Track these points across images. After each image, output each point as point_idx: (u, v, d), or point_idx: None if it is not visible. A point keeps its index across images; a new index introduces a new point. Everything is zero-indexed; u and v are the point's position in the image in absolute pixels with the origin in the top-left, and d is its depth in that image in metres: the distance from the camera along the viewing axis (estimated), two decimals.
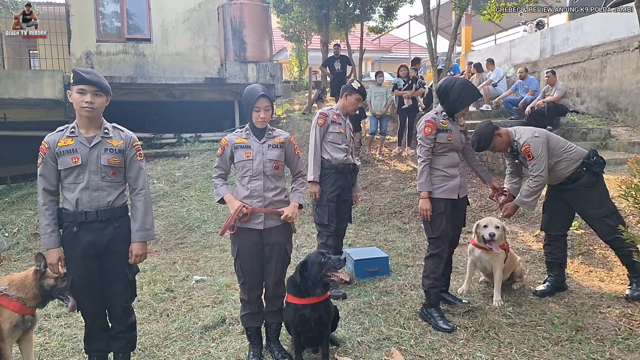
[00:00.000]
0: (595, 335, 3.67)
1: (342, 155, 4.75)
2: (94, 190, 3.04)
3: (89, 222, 3.03)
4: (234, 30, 11.70)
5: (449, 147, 4.04)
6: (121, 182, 3.16)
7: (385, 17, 13.22)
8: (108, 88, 3.08)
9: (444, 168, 4.05)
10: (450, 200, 4.04)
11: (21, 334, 3.21)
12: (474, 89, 4.15)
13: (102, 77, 3.08)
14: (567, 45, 12.07)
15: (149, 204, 3.20)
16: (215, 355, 3.63)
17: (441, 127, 4.04)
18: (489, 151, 8.39)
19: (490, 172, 8.58)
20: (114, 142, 3.10)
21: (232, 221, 3.39)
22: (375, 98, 10.08)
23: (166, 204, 8.25)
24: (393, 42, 28.72)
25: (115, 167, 3.08)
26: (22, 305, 3.14)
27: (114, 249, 3.09)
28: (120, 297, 3.20)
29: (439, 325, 3.91)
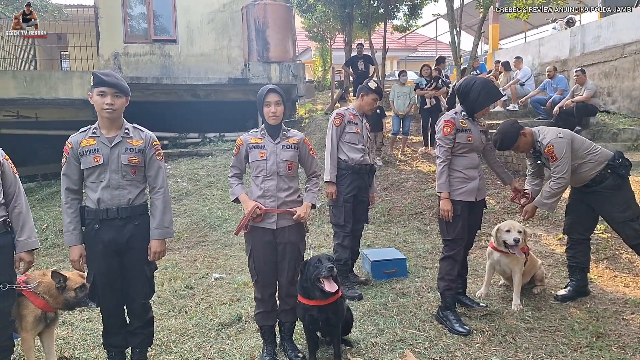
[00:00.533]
0: (617, 343, 3.58)
1: (359, 155, 4.73)
2: (115, 188, 3.12)
3: (110, 220, 3.11)
4: (258, 31, 11.76)
5: (468, 147, 3.99)
6: (141, 180, 3.24)
7: (410, 16, 13.11)
8: (127, 89, 3.14)
9: (463, 169, 3.99)
10: (467, 202, 3.98)
11: (43, 328, 3.35)
12: (494, 89, 4.08)
13: (121, 79, 3.13)
14: (598, 43, 11.76)
15: (167, 203, 3.26)
16: (230, 353, 3.67)
17: (460, 127, 3.98)
18: (513, 151, 8.26)
19: (515, 173, 8.50)
20: (134, 142, 3.18)
21: (246, 221, 3.43)
22: (399, 98, 10.01)
23: (189, 203, 8.36)
24: (419, 40, 28.52)
25: (135, 166, 3.16)
26: (46, 303, 3.29)
27: (133, 246, 3.17)
28: (140, 294, 3.28)
29: (454, 328, 3.87)
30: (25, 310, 3.24)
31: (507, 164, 8.85)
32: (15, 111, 11.29)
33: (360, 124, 4.83)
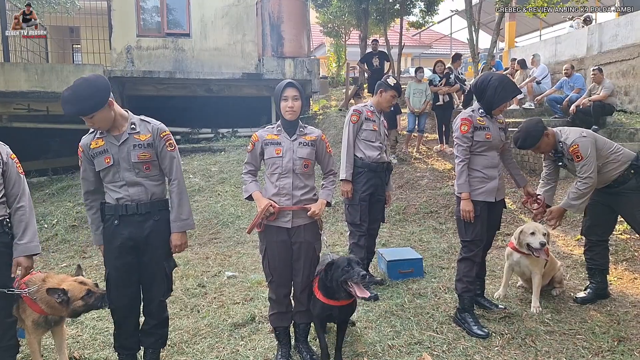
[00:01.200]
0: (639, 347, 3.48)
1: (376, 153, 4.63)
2: (132, 186, 3.08)
3: (129, 215, 3.07)
4: (272, 26, 11.70)
5: (487, 145, 3.89)
6: (158, 174, 3.17)
7: (426, 12, 12.98)
8: (91, 107, 2.86)
9: (482, 169, 3.90)
10: (487, 203, 3.90)
11: (47, 330, 3.27)
12: (511, 85, 3.97)
13: (81, 99, 2.85)
14: (616, 41, 11.57)
15: (183, 194, 3.18)
16: (244, 354, 3.60)
17: (478, 124, 3.88)
18: (530, 151, 8.15)
19: (531, 172, 8.38)
20: (142, 136, 3.08)
21: (258, 220, 3.35)
22: (414, 95, 9.90)
23: (201, 199, 8.32)
24: (434, 37, 28.32)
25: (147, 162, 3.08)
26: (42, 310, 3.15)
27: (153, 242, 3.11)
28: (158, 291, 3.22)
29: (473, 330, 3.78)
30: (24, 314, 3.17)
31: (524, 163, 8.72)
32: (27, 104, 11.28)
33: (378, 121, 4.73)
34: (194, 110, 12.56)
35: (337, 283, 3.18)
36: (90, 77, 2.97)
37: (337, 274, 3.18)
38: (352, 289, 3.13)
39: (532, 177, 8.22)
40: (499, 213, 4.15)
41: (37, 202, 8.94)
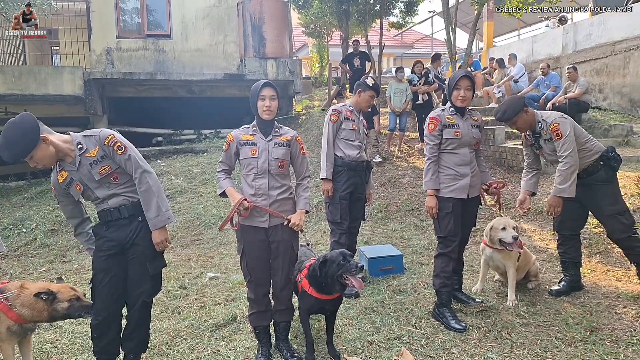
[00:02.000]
0: (610, 337, 3.60)
1: (355, 152, 4.70)
2: (110, 198, 3.12)
3: (115, 220, 3.12)
4: (254, 26, 11.72)
5: (457, 143, 3.96)
6: (129, 179, 3.17)
7: (406, 13, 13.08)
8: (23, 150, 2.85)
9: (453, 166, 3.98)
10: (459, 199, 3.97)
11: (19, 338, 3.22)
12: (459, 73, 4.03)
13: (13, 144, 2.83)
14: (590, 40, 11.81)
15: (147, 192, 3.12)
16: (224, 354, 3.63)
17: (447, 122, 3.97)
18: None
19: (509, 169, 8.51)
20: (92, 152, 3.06)
21: (232, 215, 3.36)
22: (395, 94, 10.00)
23: (183, 200, 8.31)
24: (415, 37, 28.53)
25: (112, 174, 3.09)
26: (19, 317, 3.10)
27: (138, 242, 3.15)
28: (141, 292, 3.21)
29: (450, 324, 3.87)
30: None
31: (502, 160, 8.86)
32: (4, 107, 11.14)
33: (357, 121, 4.78)
34: (176, 111, 12.52)
35: (332, 278, 3.24)
36: (17, 120, 2.90)
37: (333, 269, 3.23)
38: (349, 281, 3.20)
39: (510, 174, 8.36)
40: (474, 210, 4.21)
41: (16, 206, 8.86)
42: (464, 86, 3.91)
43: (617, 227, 4.13)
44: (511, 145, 8.85)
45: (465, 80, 3.91)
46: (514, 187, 7.75)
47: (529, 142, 4.41)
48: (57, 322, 4.28)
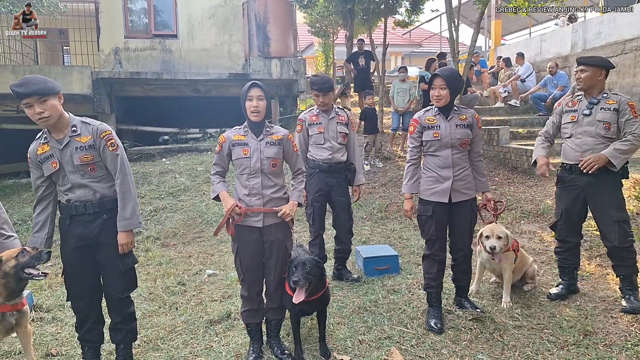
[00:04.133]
0: (604, 340, 3.58)
1: (326, 153, 4.69)
2: (78, 188, 3.12)
3: (79, 215, 3.13)
4: (258, 26, 11.77)
5: (437, 145, 3.88)
6: (105, 175, 3.19)
7: (412, 11, 13.03)
8: (49, 88, 2.97)
9: (434, 169, 3.92)
10: (441, 203, 3.90)
11: (6, 331, 3.23)
12: (436, 72, 3.98)
13: (41, 80, 2.97)
14: (600, 39, 11.69)
15: (127, 193, 3.16)
16: (217, 350, 3.68)
17: (426, 124, 3.92)
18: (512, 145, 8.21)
19: (513, 170, 8.47)
20: (83, 138, 3.10)
21: (225, 221, 3.41)
22: (398, 94, 10.00)
23: (186, 199, 8.38)
24: (424, 36, 28.42)
25: (91, 164, 3.11)
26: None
27: (103, 240, 3.17)
28: (115, 288, 3.27)
29: (429, 323, 3.90)
30: None
31: (506, 160, 8.82)
32: (15, 106, 11.31)
33: (326, 122, 4.77)
34: (182, 110, 12.62)
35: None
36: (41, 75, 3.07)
37: (290, 274, 3.33)
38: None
39: (513, 175, 8.33)
40: (465, 215, 3.99)
41: (25, 202, 9.01)
42: (438, 85, 3.84)
43: (620, 235, 4.02)
44: (515, 146, 8.81)
45: (438, 79, 3.84)
46: (517, 188, 7.73)
47: (571, 106, 4.22)
48: (59, 316, 4.41)
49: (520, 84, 12.01)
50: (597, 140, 4.05)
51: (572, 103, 4.24)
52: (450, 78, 3.86)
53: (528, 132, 10.02)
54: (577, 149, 4.14)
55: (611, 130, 4.01)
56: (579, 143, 4.13)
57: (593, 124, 4.06)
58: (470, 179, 3.99)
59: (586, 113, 4.09)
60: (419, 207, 4.05)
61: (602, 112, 4.03)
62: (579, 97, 4.22)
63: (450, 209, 3.94)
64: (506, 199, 7.27)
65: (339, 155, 4.76)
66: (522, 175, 8.23)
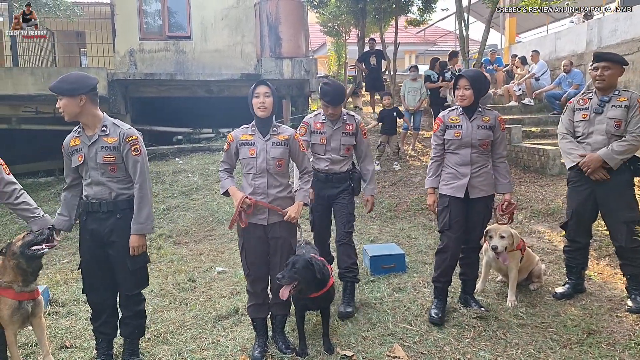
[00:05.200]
0: (608, 339, 3.58)
1: (324, 164, 4.38)
2: (96, 185, 3.28)
3: (94, 212, 3.29)
4: (270, 27, 11.85)
5: (457, 143, 3.98)
6: (124, 176, 3.32)
7: (424, 10, 13.04)
8: (65, 89, 3.12)
9: (453, 166, 4.02)
10: (457, 198, 3.99)
11: (22, 320, 3.38)
12: (460, 73, 4.07)
13: (64, 80, 3.15)
14: (615, 36, 11.54)
15: (144, 198, 3.28)
16: (224, 344, 3.77)
17: (449, 123, 4.01)
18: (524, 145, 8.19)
19: (525, 169, 8.44)
20: (110, 139, 3.25)
21: (237, 214, 3.49)
22: (409, 93, 10.01)
23: (198, 197, 8.50)
24: (439, 34, 28.27)
25: (112, 164, 3.25)
26: (13, 291, 3.31)
27: (115, 239, 3.29)
28: (124, 286, 3.40)
29: (430, 313, 4.01)
30: (0, 306, 3.31)
31: (518, 160, 8.80)
32: (34, 107, 11.55)
33: (330, 132, 4.35)
34: (195, 110, 12.75)
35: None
36: (85, 74, 3.26)
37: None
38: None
39: (525, 174, 8.32)
40: (479, 210, 4.07)
41: (44, 200, 9.20)
42: (462, 86, 3.92)
43: (628, 236, 3.99)
44: (527, 145, 8.78)
45: (463, 80, 3.91)
46: (528, 187, 7.72)
47: (582, 104, 4.18)
48: (74, 310, 4.55)
49: (535, 82, 11.94)
50: (607, 139, 4.02)
51: (582, 101, 4.21)
52: (474, 79, 3.94)
53: (542, 131, 9.98)
54: (587, 147, 4.12)
55: (622, 128, 3.98)
56: (589, 141, 4.11)
57: (604, 122, 4.04)
58: (489, 177, 4.06)
59: (598, 111, 4.07)
60: (438, 200, 4.19)
61: (613, 109, 4.01)
62: (589, 95, 4.20)
63: (468, 205, 4.02)
64: (517, 198, 7.25)
65: (337, 167, 4.39)
66: (534, 174, 8.20)
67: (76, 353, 3.78)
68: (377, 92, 12.04)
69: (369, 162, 4.55)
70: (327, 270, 3.59)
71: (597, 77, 4.06)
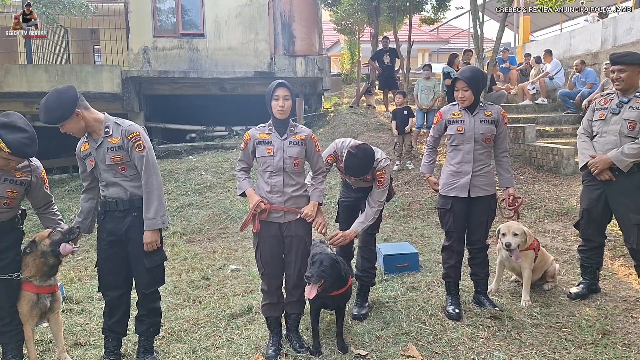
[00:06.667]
0: (623, 340, 3.56)
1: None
2: (111, 186, 3.33)
3: (111, 211, 3.34)
4: (284, 25, 11.88)
5: (460, 138, 4.00)
6: (135, 174, 3.35)
7: (438, 8, 12.99)
8: (58, 117, 3.12)
9: (455, 164, 4.05)
10: (460, 198, 4.02)
11: (40, 315, 3.46)
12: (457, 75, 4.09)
13: (52, 109, 3.11)
14: (630, 35, 11.44)
15: (151, 193, 3.29)
16: (238, 342, 3.80)
17: (451, 118, 4.06)
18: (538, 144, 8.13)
19: (538, 168, 8.38)
20: (114, 139, 3.29)
21: (250, 217, 3.52)
22: (422, 92, 9.96)
23: (212, 195, 8.55)
24: (452, 32, 28.14)
25: (121, 164, 3.29)
26: (32, 285, 3.39)
27: (132, 237, 3.34)
28: (141, 283, 3.44)
29: (447, 310, 4.04)
30: (20, 300, 3.39)
31: (532, 159, 8.74)
32: None
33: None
34: (208, 108, 12.82)
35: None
36: (61, 89, 3.20)
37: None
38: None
39: (539, 173, 8.25)
40: (482, 210, 4.10)
41: (57, 198, 9.28)
42: (460, 87, 3.97)
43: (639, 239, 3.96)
44: (541, 144, 8.72)
45: (460, 82, 3.96)
46: (542, 187, 7.67)
47: (603, 104, 4.18)
48: (88, 308, 4.60)
49: (549, 81, 11.85)
50: (619, 139, 4.00)
51: (604, 101, 4.21)
52: (470, 79, 3.95)
53: (556, 130, 9.91)
54: (600, 147, 4.12)
55: (635, 130, 3.94)
56: (602, 142, 4.11)
57: (619, 123, 4.02)
58: (490, 176, 4.10)
59: (615, 112, 4.07)
60: (439, 200, 4.25)
61: (629, 110, 3.99)
62: (611, 96, 4.18)
63: (469, 203, 4.05)
64: (530, 197, 7.21)
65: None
66: (548, 173, 8.15)
67: (90, 351, 3.81)
68: (391, 90, 12.01)
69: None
70: (347, 269, 3.60)
71: (615, 80, 4.06)
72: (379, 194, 3.97)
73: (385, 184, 3.98)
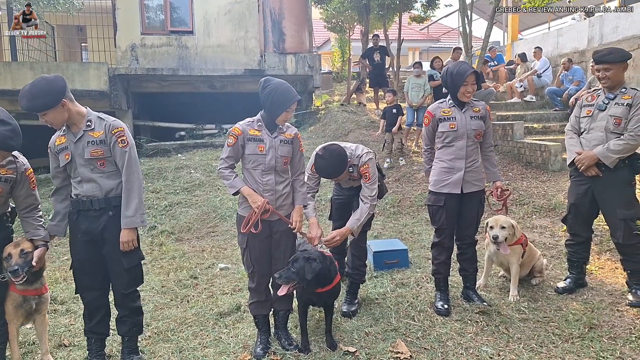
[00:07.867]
0: (609, 334, 3.60)
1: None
2: (87, 182, 3.22)
3: (85, 210, 3.23)
4: (274, 22, 11.84)
5: (452, 135, 4.01)
6: (114, 170, 3.26)
7: (427, 6, 13.02)
8: (43, 105, 3.02)
9: (448, 160, 4.04)
10: (453, 195, 4.02)
11: (26, 315, 3.40)
12: (467, 69, 3.95)
13: (35, 96, 3.01)
14: (617, 33, 11.50)
15: (131, 190, 3.22)
16: (226, 341, 3.77)
17: (442, 115, 4.05)
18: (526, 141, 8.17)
19: (527, 165, 8.42)
20: (96, 133, 3.20)
21: (256, 218, 3.39)
22: (413, 89, 9.99)
23: (201, 194, 8.50)
24: (442, 30, 28.22)
25: (100, 159, 3.20)
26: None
27: (108, 236, 3.25)
28: (119, 283, 3.35)
29: (436, 306, 4.07)
30: (6, 300, 3.33)
31: (520, 155, 8.78)
32: None
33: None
34: (198, 106, 12.75)
35: None
36: (50, 77, 3.13)
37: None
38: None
39: (527, 170, 8.29)
40: (474, 206, 4.13)
41: (43, 197, 9.10)
42: (471, 82, 3.95)
43: (626, 233, 4.01)
44: (529, 141, 8.76)
45: (472, 77, 3.94)
46: (530, 183, 7.70)
47: (590, 101, 4.21)
48: (73, 308, 4.56)
49: (537, 79, 11.91)
50: (605, 135, 4.04)
51: (591, 97, 4.25)
52: (479, 75, 4.11)
53: (543, 128, 9.97)
54: (586, 143, 4.15)
55: (621, 126, 3.98)
56: (589, 138, 4.14)
57: (605, 119, 4.06)
58: (480, 172, 4.15)
59: (601, 108, 4.10)
60: (430, 197, 4.20)
61: (615, 107, 4.03)
62: (597, 92, 4.22)
63: (462, 199, 4.07)
64: (519, 194, 7.25)
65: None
66: (536, 170, 8.19)
67: (75, 352, 3.75)
68: (381, 88, 12.02)
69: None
70: (334, 267, 3.57)
71: (601, 78, 4.10)
72: (368, 188, 3.94)
73: (372, 177, 3.93)
